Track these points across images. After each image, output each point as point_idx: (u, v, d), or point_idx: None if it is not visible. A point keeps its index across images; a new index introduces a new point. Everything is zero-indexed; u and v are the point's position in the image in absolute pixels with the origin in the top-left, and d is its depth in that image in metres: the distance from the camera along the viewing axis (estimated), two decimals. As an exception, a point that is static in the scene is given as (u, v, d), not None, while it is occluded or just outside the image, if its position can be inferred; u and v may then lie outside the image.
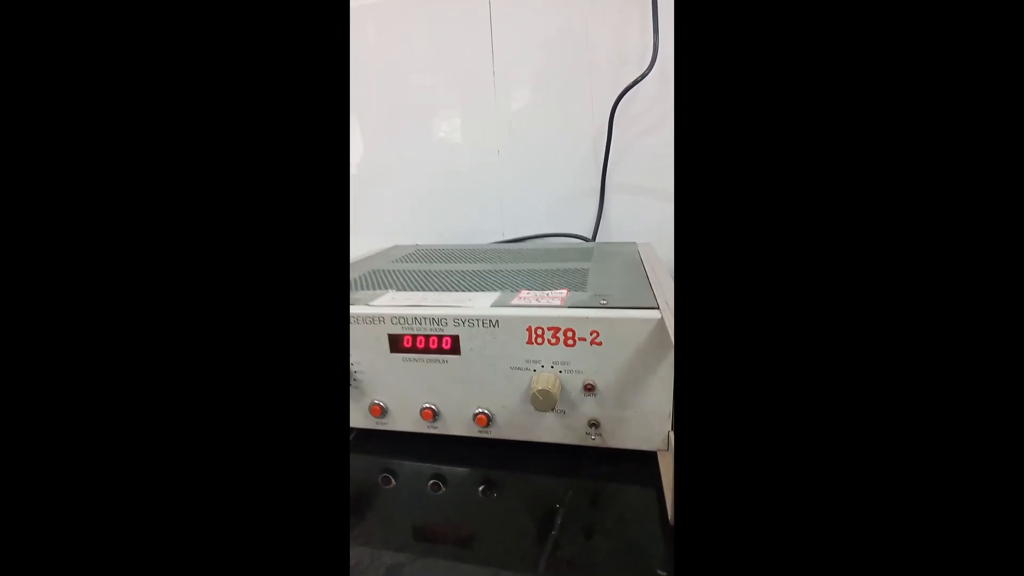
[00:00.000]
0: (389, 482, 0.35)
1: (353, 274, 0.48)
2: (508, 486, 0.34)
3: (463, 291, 0.39)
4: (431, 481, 0.34)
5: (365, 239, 0.72)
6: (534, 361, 0.33)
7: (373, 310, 0.36)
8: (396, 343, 0.35)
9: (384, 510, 0.32)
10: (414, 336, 0.35)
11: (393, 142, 0.74)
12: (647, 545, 0.28)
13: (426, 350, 0.35)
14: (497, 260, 0.53)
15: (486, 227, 0.74)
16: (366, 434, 0.39)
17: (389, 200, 0.76)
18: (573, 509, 0.31)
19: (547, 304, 0.34)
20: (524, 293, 0.37)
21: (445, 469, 0.36)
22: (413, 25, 0.68)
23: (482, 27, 0.66)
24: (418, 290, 0.40)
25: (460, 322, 0.34)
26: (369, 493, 0.34)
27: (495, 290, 0.39)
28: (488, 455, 0.36)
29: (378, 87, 0.72)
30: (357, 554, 0.28)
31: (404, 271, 0.49)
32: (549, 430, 0.35)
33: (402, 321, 0.35)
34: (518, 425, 0.36)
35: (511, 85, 0.68)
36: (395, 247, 0.66)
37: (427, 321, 0.35)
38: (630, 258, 0.51)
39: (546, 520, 0.30)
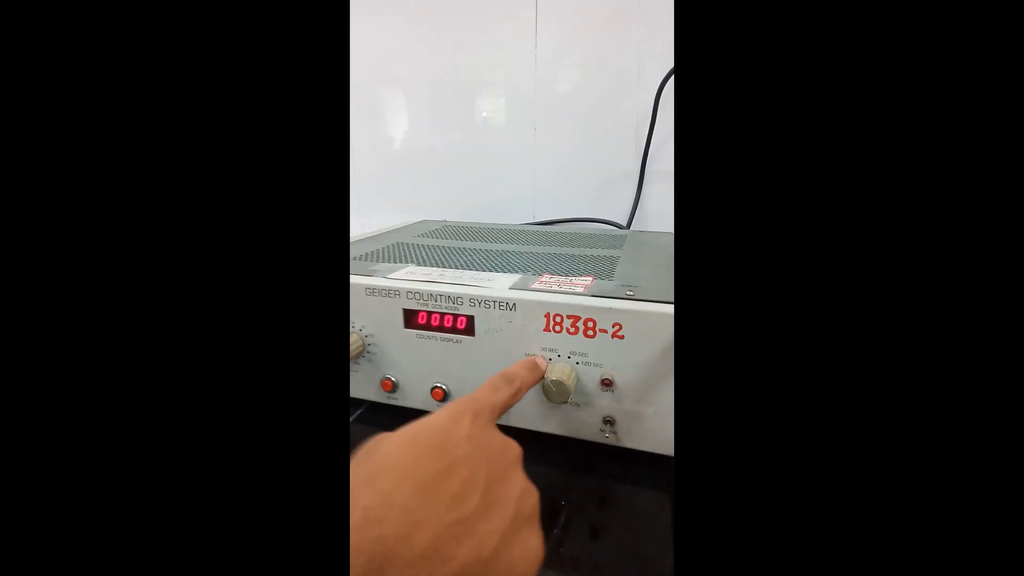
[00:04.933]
0: (394, 459, 0.34)
1: (376, 246, 0.47)
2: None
3: (484, 271, 0.38)
4: (436, 462, 0.34)
5: (398, 214, 0.72)
6: (551, 350, 0.32)
7: (390, 283, 0.34)
8: (411, 319, 0.34)
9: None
10: (429, 313, 0.34)
11: (433, 119, 0.73)
12: (653, 553, 0.26)
13: (440, 328, 0.34)
14: (524, 241, 0.51)
15: (517, 208, 0.72)
16: (376, 407, 0.38)
17: (425, 176, 0.75)
18: (579, 507, 0.30)
19: (569, 291, 0.32)
20: (546, 277, 0.35)
21: (451, 452, 0.35)
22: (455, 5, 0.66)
23: (527, 5, 0.63)
24: (439, 267, 0.39)
25: (476, 302, 0.33)
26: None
27: (517, 272, 0.37)
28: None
29: (420, 65, 0.70)
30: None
31: (427, 246, 0.48)
32: (562, 423, 0.34)
33: (418, 296, 0.34)
34: (530, 414, 0.34)
35: (554, 65, 0.65)
36: (423, 221, 0.65)
37: (443, 298, 0.33)
38: (664, 249, 0.48)
39: (551, 515, 0.29)
